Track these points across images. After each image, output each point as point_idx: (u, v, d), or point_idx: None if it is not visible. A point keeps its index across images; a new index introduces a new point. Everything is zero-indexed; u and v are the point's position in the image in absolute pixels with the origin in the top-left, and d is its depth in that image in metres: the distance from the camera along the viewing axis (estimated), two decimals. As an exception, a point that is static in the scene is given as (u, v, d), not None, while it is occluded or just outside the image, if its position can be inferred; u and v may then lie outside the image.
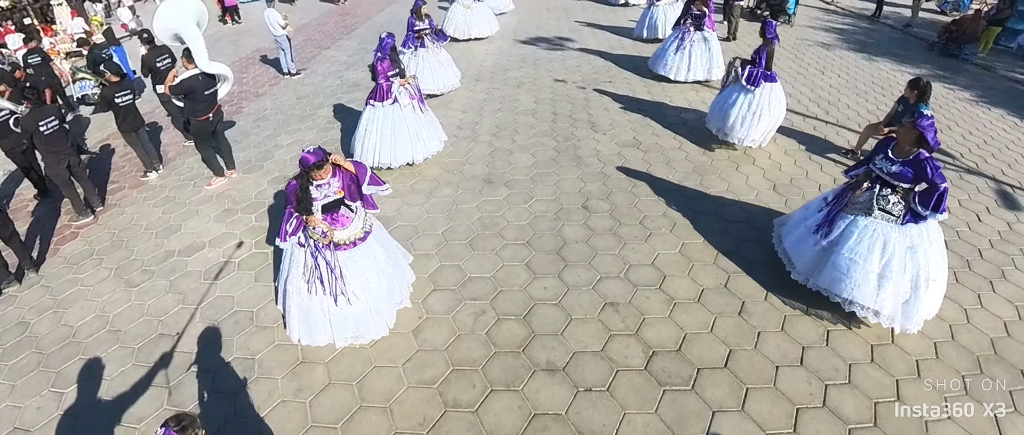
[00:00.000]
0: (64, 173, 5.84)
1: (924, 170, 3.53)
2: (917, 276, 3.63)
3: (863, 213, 3.82)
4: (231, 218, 5.82)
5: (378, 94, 6.17)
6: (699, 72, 8.84)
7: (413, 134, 6.28)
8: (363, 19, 15.92)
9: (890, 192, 3.72)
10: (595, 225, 5.21)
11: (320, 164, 3.43)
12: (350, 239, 3.74)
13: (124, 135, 6.65)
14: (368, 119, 6.30)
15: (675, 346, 3.79)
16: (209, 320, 4.36)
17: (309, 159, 3.40)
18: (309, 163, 3.41)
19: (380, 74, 6.10)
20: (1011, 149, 6.84)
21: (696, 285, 4.37)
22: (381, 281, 3.84)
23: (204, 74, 6.08)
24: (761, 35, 6.28)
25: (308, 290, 3.71)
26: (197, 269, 5.02)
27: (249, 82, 10.67)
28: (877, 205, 3.76)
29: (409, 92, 6.30)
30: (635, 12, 14.19)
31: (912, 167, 3.58)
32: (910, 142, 3.59)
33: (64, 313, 4.62)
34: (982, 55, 10.97)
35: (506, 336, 3.94)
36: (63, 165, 5.81)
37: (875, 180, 3.81)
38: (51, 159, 5.76)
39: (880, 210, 3.74)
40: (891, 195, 3.71)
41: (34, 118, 5.54)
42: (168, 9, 6.09)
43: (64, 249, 5.59)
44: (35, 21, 17.38)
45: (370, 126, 6.26)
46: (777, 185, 5.87)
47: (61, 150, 5.76)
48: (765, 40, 6.22)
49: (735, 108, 6.39)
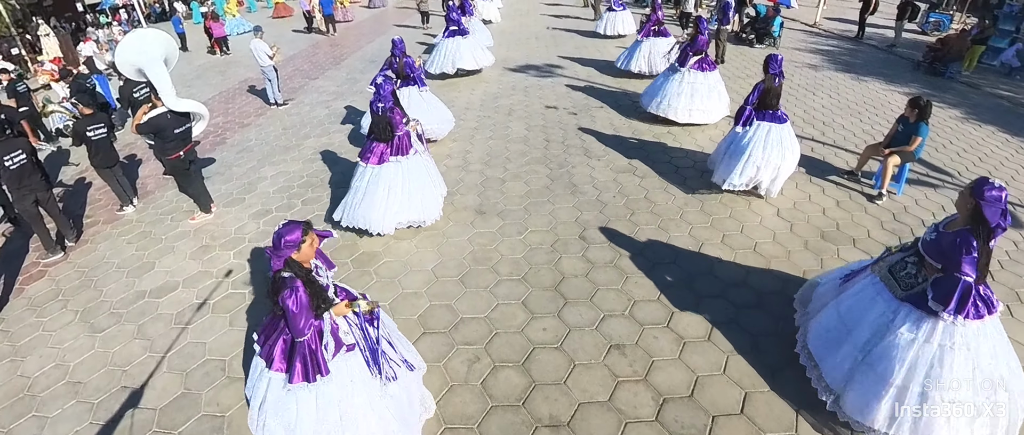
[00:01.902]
0: (32, 208, 5.55)
1: (951, 249, 2.75)
2: (926, 391, 2.81)
3: (879, 272, 3.23)
4: (208, 255, 5.49)
5: (399, 148, 5.27)
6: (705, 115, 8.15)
7: (431, 179, 5.57)
8: (352, 49, 15.86)
9: (914, 262, 3.04)
10: (594, 257, 4.94)
11: (306, 230, 2.67)
12: (371, 306, 3.06)
13: (98, 171, 6.36)
14: (390, 177, 5.25)
15: (687, 391, 3.49)
16: (177, 370, 3.99)
17: (295, 237, 2.61)
18: (298, 240, 2.62)
19: (397, 126, 5.27)
20: (1006, 165, 6.80)
21: (705, 322, 4.08)
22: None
23: (173, 112, 5.80)
24: (764, 70, 5.65)
25: (393, 378, 2.98)
26: (168, 312, 4.67)
27: (234, 112, 10.43)
28: (888, 267, 3.16)
29: (418, 132, 5.58)
30: (626, 42, 14.26)
31: (942, 240, 2.82)
32: (965, 214, 2.82)
33: (21, 362, 4.26)
34: (967, 73, 11.10)
35: (504, 387, 3.60)
36: (30, 200, 5.52)
37: (913, 247, 3.12)
38: (17, 195, 5.48)
39: (890, 274, 3.12)
40: (912, 266, 3.03)
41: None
42: (132, 43, 5.85)
43: (29, 289, 5.25)
44: (23, 51, 17.20)
45: (393, 185, 5.25)
46: (780, 209, 5.66)
47: (28, 185, 5.48)
48: (766, 75, 5.60)
49: (728, 149, 5.88)
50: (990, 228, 2.69)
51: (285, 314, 2.64)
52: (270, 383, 2.90)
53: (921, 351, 2.84)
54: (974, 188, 2.75)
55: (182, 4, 26.63)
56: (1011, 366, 2.91)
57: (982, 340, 2.82)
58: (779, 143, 5.60)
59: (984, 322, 2.80)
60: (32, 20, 20.06)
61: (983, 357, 2.81)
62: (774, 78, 5.58)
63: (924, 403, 2.82)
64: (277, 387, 2.86)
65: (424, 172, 5.48)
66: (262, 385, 2.94)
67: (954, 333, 2.80)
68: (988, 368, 2.80)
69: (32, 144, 5.90)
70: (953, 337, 2.80)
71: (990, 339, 2.84)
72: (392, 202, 5.26)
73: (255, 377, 3.04)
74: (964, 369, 2.79)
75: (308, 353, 2.71)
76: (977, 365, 2.79)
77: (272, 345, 2.85)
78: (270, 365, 2.86)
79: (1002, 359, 2.87)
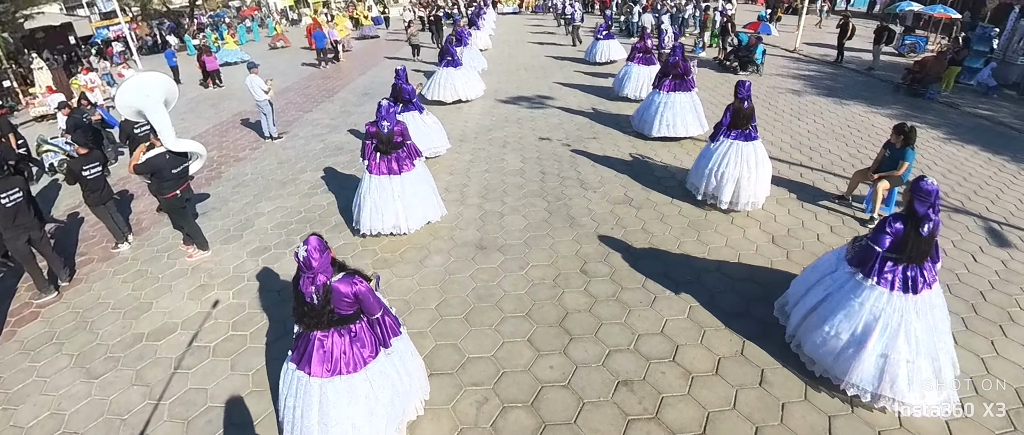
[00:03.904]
0: (24, 248, 5.47)
1: (878, 225, 3.43)
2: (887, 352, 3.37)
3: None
4: (207, 295, 5.43)
5: (413, 155, 6.06)
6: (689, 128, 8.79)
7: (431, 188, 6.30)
8: (345, 82, 16.03)
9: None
10: (596, 291, 4.97)
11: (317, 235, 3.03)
12: None
13: (92, 208, 6.32)
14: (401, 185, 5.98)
15: (699, 428, 3.48)
16: (178, 418, 3.91)
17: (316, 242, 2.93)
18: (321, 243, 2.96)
19: (406, 133, 6.01)
20: (990, 184, 6.99)
21: (711, 354, 4.11)
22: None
23: (171, 152, 5.82)
24: (734, 94, 6.19)
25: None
26: (167, 356, 4.59)
27: (229, 146, 10.44)
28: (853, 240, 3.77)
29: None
30: (614, 68, 14.60)
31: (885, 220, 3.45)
32: (904, 203, 3.46)
33: (14, 411, 4.13)
34: (946, 93, 11.49)
35: (513, 429, 3.57)
36: (23, 240, 5.45)
37: None
38: (11, 234, 5.39)
39: (851, 243, 3.75)
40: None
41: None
42: (134, 86, 5.89)
43: (22, 331, 5.13)
44: (15, 84, 17.10)
45: (404, 191, 5.99)
46: (775, 237, 5.76)
47: (22, 224, 5.41)
48: (735, 99, 6.15)
49: (698, 162, 6.53)
50: (919, 216, 3.22)
51: (360, 300, 3.02)
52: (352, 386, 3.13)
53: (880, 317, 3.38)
54: (912, 184, 3.29)
55: (175, 38, 26.84)
56: (946, 345, 3.46)
57: (926, 313, 3.37)
58: (738, 156, 6.13)
59: (920, 297, 3.35)
60: (24, 53, 20.06)
61: (924, 330, 3.35)
62: (742, 101, 6.11)
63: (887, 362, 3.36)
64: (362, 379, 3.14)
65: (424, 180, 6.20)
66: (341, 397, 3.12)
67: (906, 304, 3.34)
68: (928, 340, 3.35)
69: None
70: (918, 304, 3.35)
71: (933, 312, 3.41)
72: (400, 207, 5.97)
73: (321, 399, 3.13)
74: (913, 335, 3.33)
75: (383, 323, 3.18)
76: (919, 336, 3.34)
77: (340, 355, 3.10)
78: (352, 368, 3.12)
79: (941, 334, 3.43)
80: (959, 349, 3.83)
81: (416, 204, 6.06)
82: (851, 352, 3.47)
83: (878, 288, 3.40)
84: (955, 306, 4.48)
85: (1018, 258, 5.29)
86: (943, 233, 5.74)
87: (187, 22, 32.52)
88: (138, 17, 31.77)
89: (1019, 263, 5.20)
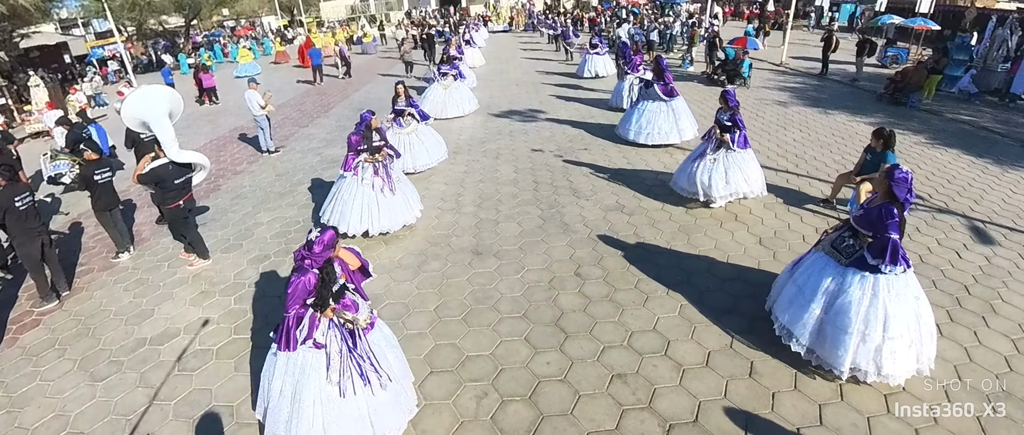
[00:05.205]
0: (35, 253, 5.54)
1: (878, 218, 3.52)
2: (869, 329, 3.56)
3: (823, 248, 4.03)
4: (208, 301, 5.52)
5: (345, 164, 6.41)
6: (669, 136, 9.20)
7: (367, 209, 6.34)
8: (340, 98, 16.27)
9: (850, 235, 3.80)
10: (591, 292, 5.12)
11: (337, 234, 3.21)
12: (366, 322, 3.47)
13: (98, 214, 6.44)
14: (336, 187, 6.58)
15: (691, 417, 3.61)
16: (183, 418, 3.98)
17: (329, 236, 3.12)
18: (333, 240, 3.14)
19: (351, 146, 6.34)
20: (973, 186, 7.23)
21: (702, 348, 4.26)
22: (399, 356, 3.67)
23: (175, 163, 5.94)
24: (721, 101, 6.69)
25: (340, 393, 3.22)
26: (170, 359, 4.66)
27: (227, 160, 10.57)
28: (830, 243, 3.95)
29: (375, 169, 6.37)
30: (604, 83, 14.95)
31: (870, 214, 3.61)
32: (882, 192, 3.63)
33: (19, 413, 4.18)
34: (927, 101, 11.86)
35: (513, 420, 3.68)
36: (36, 244, 5.53)
37: (846, 224, 3.94)
38: (24, 238, 5.47)
39: (833, 248, 3.90)
40: (850, 238, 3.79)
41: (9, 194, 5.37)
42: (139, 99, 6.03)
43: (24, 338, 5.18)
44: (10, 102, 17.19)
45: (337, 194, 6.52)
46: (763, 239, 5.95)
47: (35, 227, 5.53)
48: (724, 104, 6.65)
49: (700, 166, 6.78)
50: (900, 201, 3.50)
51: (287, 292, 3.12)
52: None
53: (871, 303, 3.57)
54: (887, 172, 3.56)
55: (170, 57, 27.10)
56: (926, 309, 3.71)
57: (908, 288, 3.61)
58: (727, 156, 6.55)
59: (908, 273, 3.60)
60: (19, 71, 20.17)
61: (909, 300, 3.59)
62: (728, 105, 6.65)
63: (876, 342, 3.55)
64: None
65: (361, 197, 6.36)
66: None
67: (891, 284, 3.56)
68: (914, 308, 3.60)
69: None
70: (891, 288, 3.56)
71: (911, 288, 3.64)
72: (334, 208, 6.42)
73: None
74: (900, 310, 3.54)
75: (285, 327, 3.23)
76: (908, 307, 3.57)
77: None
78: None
79: (921, 303, 3.68)
80: (943, 339, 3.99)
81: (395, 206, 6.39)
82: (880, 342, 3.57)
83: (909, 271, 3.63)
84: (940, 300, 4.66)
85: (1001, 254, 5.47)
86: (928, 232, 5.98)
87: (182, 42, 32.83)
88: (134, 37, 32.04)
89: (1002, 259, 5.38)
